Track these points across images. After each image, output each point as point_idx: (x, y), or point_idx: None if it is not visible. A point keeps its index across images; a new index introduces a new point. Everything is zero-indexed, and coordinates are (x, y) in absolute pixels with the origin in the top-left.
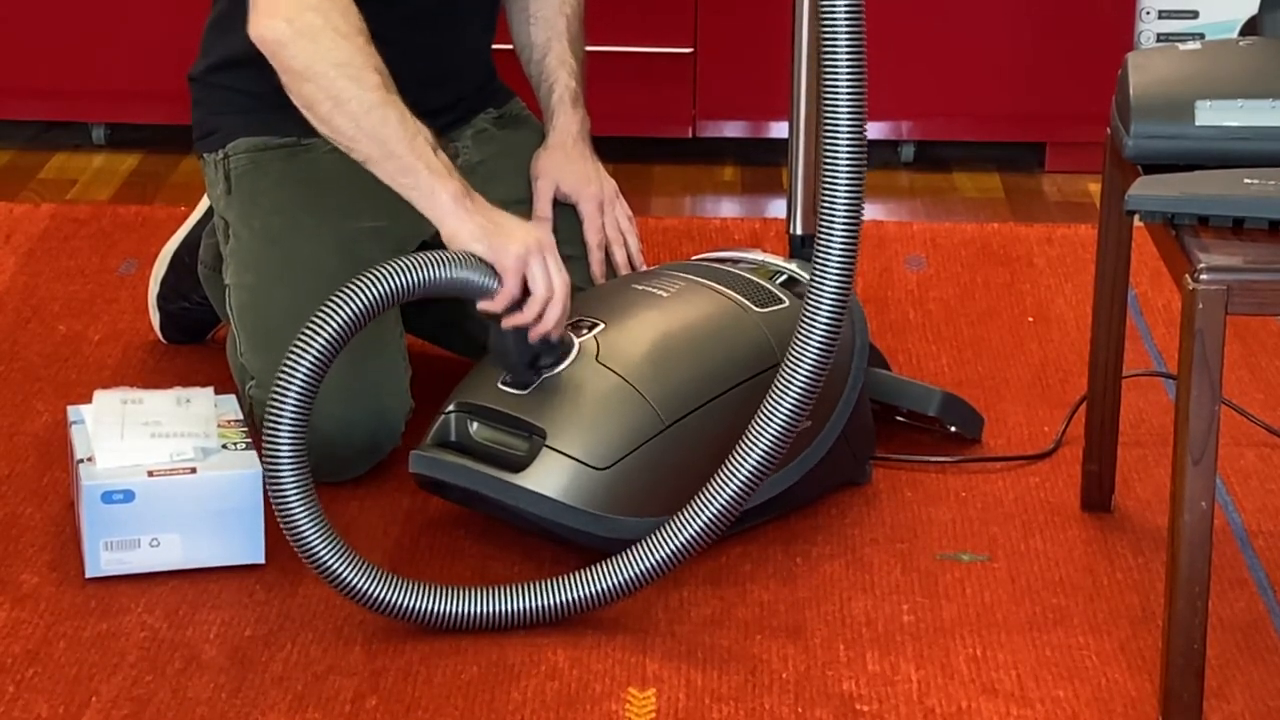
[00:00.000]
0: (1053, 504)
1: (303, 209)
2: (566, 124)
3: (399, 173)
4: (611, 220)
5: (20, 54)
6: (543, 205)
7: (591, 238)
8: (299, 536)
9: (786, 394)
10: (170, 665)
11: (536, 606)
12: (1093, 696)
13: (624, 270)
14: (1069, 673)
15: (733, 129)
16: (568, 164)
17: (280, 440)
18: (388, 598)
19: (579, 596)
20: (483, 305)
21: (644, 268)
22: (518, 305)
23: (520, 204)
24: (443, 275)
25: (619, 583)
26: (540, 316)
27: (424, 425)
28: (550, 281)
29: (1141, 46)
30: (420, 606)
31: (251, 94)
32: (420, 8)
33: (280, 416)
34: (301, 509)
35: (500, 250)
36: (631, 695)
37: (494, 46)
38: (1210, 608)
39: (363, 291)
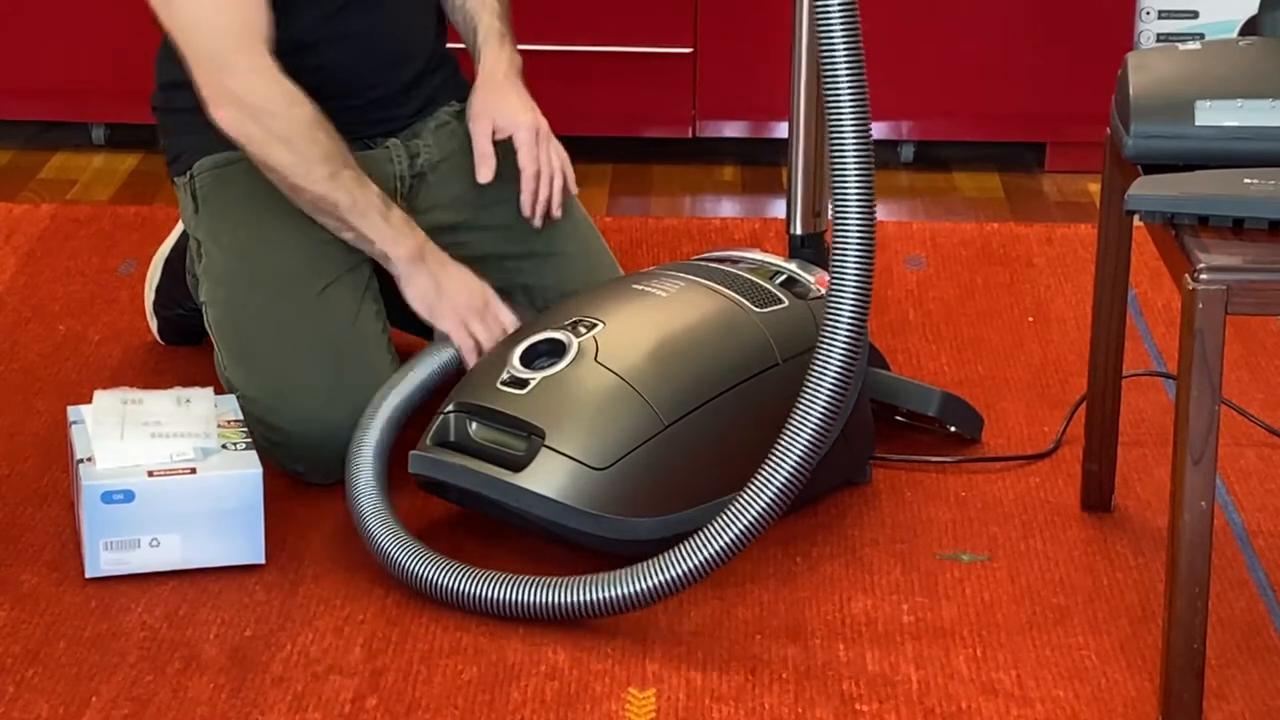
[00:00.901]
0: (1053, 504)
1: (267, 220)
2: (494, 62)
3: (359, 241)
4: (546, 152)
5: (20, 54)
6: (482, 143)
7: (526, 165)
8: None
9: (813, 408)
10: (170, 665)
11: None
12: (1093, 696)
13: (556, 204)
14: (1069, 673)
15: (733, 129)
16: (500, 99)
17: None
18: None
19: (620, 594)
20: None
21: (575, 189)
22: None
23: (482, 199)
24: (425, 375)
25: (662, 582)
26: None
27: (424, 425)
28: (491, 335)
29: (1141, 46)
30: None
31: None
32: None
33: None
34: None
35: (439, 316)
36: (631, 695)
37: (458, 46)
38: (1210, 608)
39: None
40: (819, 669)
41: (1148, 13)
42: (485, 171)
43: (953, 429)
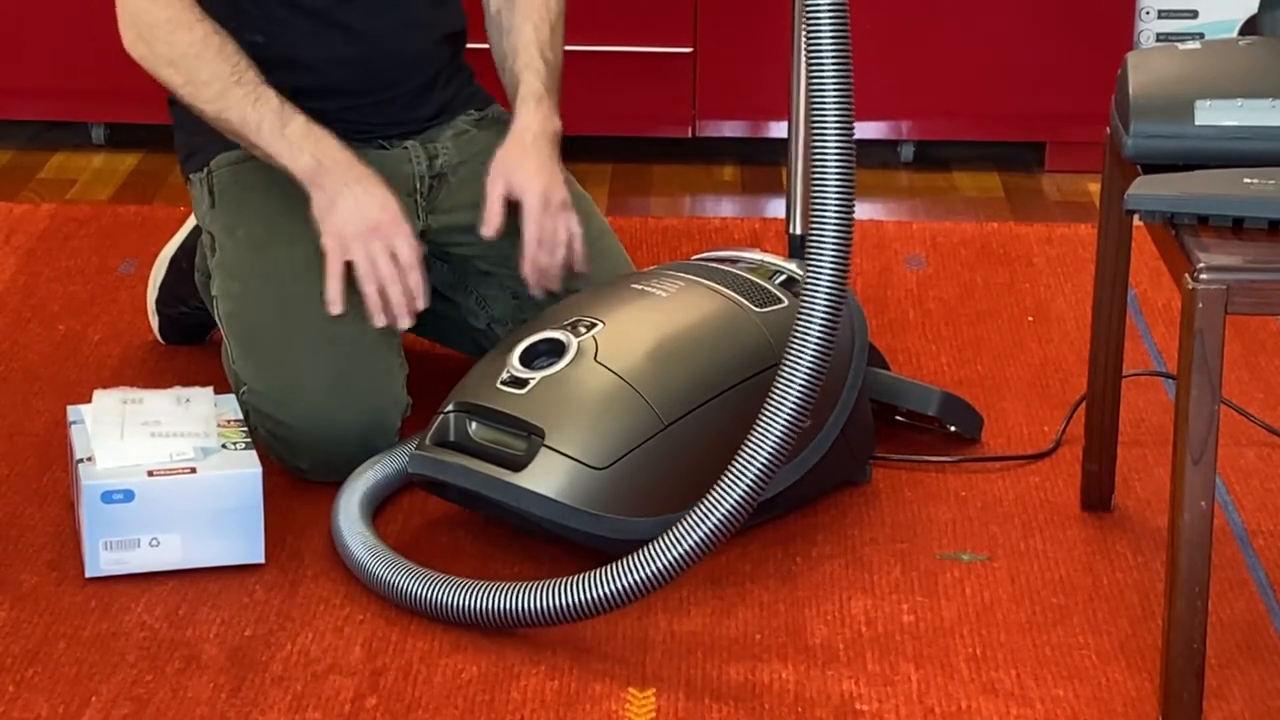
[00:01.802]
0: (1053, 504)
1: (284, 215)
2: (526, 123)
3: (267, 159)
4: (556, 223)
5: (20, 54)
6: (493, 204)
7: (530, 231)
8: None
9: (785, 399)
10: (170, 665)
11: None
12: (1093, 696)
13: (554, 278)
14: (1069, 672)
15: (732, 129)
16: (522, 161)
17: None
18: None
19: (583, 600)
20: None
21: (583, 267)
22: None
23: None
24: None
25: (626, 586)
26: (386, 301)
27: (424, 425)
28: (373, 263)
29: (1141, 46)
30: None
31: None
32: None
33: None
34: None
35: (323, 234)
36: (631, 695)
37: (475, 46)
38: (1210, 608)
39: None
40: (819, 669)
41: (1148, 13)
42: (488, 229)
43: (953, 429)
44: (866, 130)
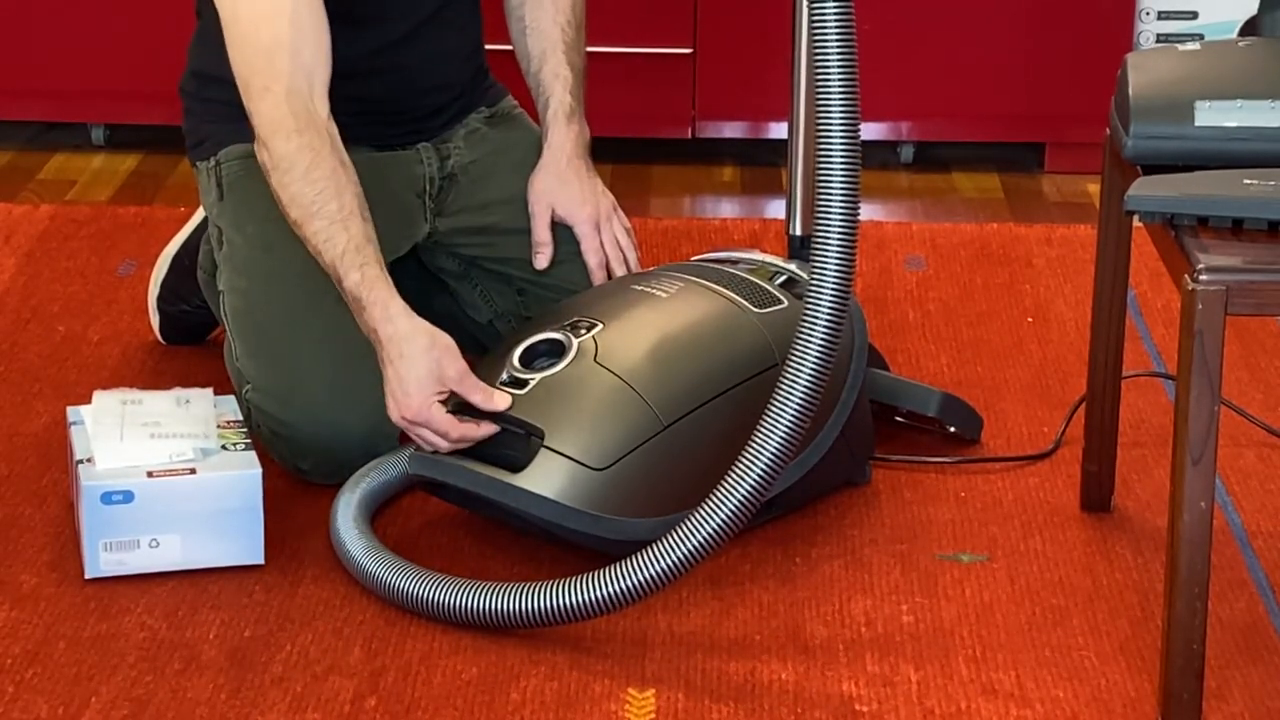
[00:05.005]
0: (1052, 504)
1: None
2: (560, 142)
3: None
4: (610, 237)
5: (20, 54)
6: (540, 229)
7: (590, 259)
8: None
9: (789, 400)
10: (170, 665)
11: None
12: (1092, 697)
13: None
14: (1068, 673)
15: (732, 129)
16: (562, 186)
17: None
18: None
19: (584, 600)
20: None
21: (636, 267)
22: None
23: (511, 203)
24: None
25: (628, 586)
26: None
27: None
28: (430, 439)
29: (1141, 47)
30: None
31: (241, 105)
32: (392, 36)
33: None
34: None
35: (388, 408)
36: (631, 695)
37: (489, 47)
38: (1210, 608)
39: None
40: (818, 669)
41: (1147, 13)
42: (541, 259)
43: (952, 429)
44: (866, 131)
